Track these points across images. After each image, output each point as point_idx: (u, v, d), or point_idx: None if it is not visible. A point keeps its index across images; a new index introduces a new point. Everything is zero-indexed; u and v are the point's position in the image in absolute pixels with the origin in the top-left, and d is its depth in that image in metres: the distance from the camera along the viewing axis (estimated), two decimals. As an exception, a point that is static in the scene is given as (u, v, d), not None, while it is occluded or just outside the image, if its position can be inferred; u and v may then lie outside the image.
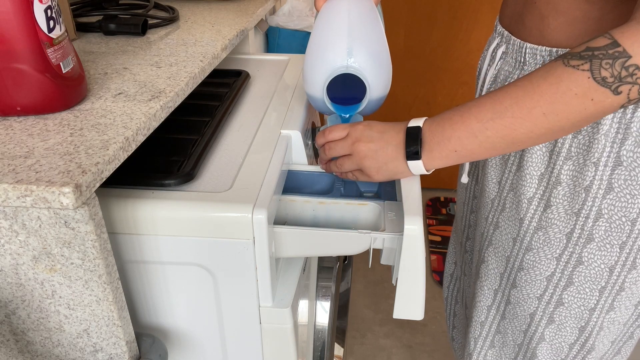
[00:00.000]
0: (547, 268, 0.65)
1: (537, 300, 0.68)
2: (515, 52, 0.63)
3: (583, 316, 0.66)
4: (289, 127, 0.67)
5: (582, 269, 0.63)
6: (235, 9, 0.98)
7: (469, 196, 0.84)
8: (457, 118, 0.52)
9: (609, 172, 0.57)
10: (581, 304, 0.65)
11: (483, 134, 0.51)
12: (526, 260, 0.67)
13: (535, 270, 0.66)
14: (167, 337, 0.60)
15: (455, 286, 1.00)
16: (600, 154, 0.56)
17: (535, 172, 0.63)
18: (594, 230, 0.60)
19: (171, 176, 0.54)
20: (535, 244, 0.65)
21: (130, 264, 0.54)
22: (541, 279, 0.66)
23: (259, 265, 0.52)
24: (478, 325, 0.79)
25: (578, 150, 0.58)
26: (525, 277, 0.68)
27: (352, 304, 1.69)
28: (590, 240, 0.61)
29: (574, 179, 0.59)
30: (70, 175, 0.38)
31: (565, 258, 0.64)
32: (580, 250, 0.62)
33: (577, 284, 0.64)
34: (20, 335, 0.47)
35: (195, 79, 0.61)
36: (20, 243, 0.41)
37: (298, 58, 0.99)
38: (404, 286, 0.54)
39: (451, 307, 1.03)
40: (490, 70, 0.68)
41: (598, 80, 0.45)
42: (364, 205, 0.59)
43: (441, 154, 0.54)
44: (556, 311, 0.67)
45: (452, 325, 1.04)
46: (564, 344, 0.69)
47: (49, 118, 0.48)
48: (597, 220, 0.60)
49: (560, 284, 0.65)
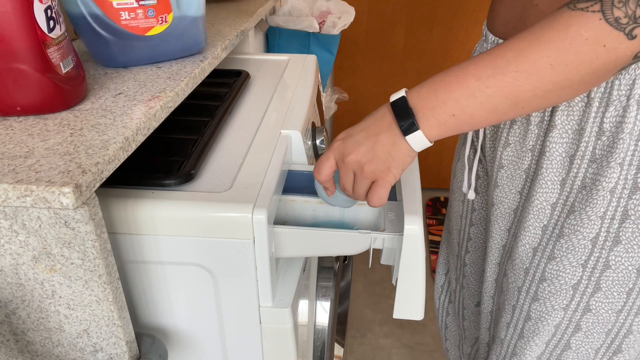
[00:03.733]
0: (572, 276, 0.63)
1: (562, 311, 0.66)
2: None
3: (610, 319, 0.64)
4: (289, 127, 0.67)
5: (610, 272, 0.61)
6: (235, 9, 0.98)
7: (467, 209, 0.82)
8: (451, 79, 0.47)
9: (633, 172, 0.55)
10: (609, 308, 0.63)
11: (483, 93, 0.45)
12: (549, 270, 0.65)
13: (560, 280, 0.64)
14: (167, 337, 0.60)
15: (447, 298, 0.98)
16: (625, 153, 0.55)
17: (557, 177, 0.61)
18: (621, 232, 0.58)
19: (171, 176, 0.54)
20: (558, 252, 0.63)
21: (130, 264, 0.54)
22: (567, 288, 0.64)
23: (259, 266, 0.52)
24: (499, 343, 0.76)
25: (602, 152, 0.56)
26: (549, 289, 0.66)
27: (352, 304, 1.69)
28: (617, 243, 0.59)
29: (598, 181, 0.57)
30: (70, 175, 0.38)
31: (591, 263, 0.61)
32: (607, 254, 0.60)
33: (604, 289, 0.62)
34: (20, 335, 0.47)
35: (195, 79, 0.61)
36: (20, 243, 0.41)
37: (298, 58, 0.99)
38: (404, 286, 0.54)
39: (442, 319, 1.01)
40: None
41: (610, 22, 0.40)
42: (364, 205, 0.59)
43: (438, 120, 0.48)
44: (583, 319, 0.65)
45: (445, 337, 1.02)
46: (590, 350, 0.67)
47: (49, 118, 0.48)
48: (623, 222, 0.58)
49: (588, 291, 0.63)
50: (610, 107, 0.55)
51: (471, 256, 0.85)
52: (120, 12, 0.58)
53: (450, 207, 0.89)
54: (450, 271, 0.96)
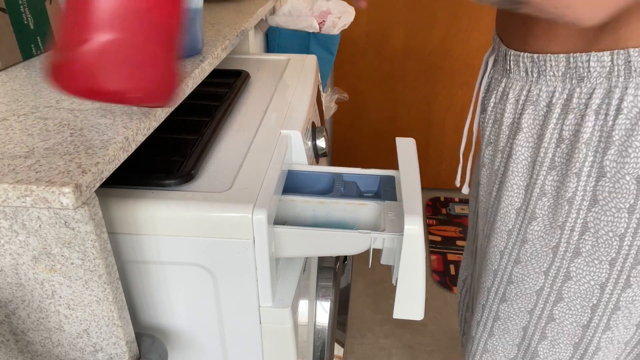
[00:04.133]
0: (535, 282, 0.63)
1: (528, 314, 0.66)
2: (502, 59, 0.62)
3: (576, 332, 0.63)
4: (289, 127, 0.67)
5: (571, 284, 0.61)
6: (235, 9, 0.98)
7: (475, 204, 0.83)
8: None
9: (592, 184, 0.54)
10: (573, 320, 0.63)
11: None
12: (515, 273, 0.65)
13: (525, 284, 0.64)
14: (167, 337, 0.60)
15: (468, 292, 0.99)
16: (582, 163, 0.54)
17: (522, 182, 0.61)
18: (580, 244, 0.58)
19: (171, 176, 0.54)
20: (523, 256, 0.63)
21: (130, 264, 0.54)
22: (531, 293, 0.64)
23: (259, 265, 0.52)
24: (470, 340, 0.78)
25: (561, 160, 0.56)
26: (516, 291, 0.66)
27: (352, 304, 1.69)
28: (577, 255, 0.59)
29: (557, 190, 0.57)
30: (70, 175, 0.38)
31: (553, 272, 0.61)
32: (567, 265, 0.60)
33: (567, 300, 0.62)
34: (20, 335, 0.47)
35: (195, 79, 0.61)
36: (20, 243, 0.41)
37: (298, 58, 0.99)
38: (404, 286, 0.54)
39: (462, 313, 1.02)
40: (484, 79, 0.67)
41: None
42: (364, 205, 0.59)
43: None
44: (548, 327, 0.65)
45: (463, 331, 1.03)
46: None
47: (49, 118, 0.48)
48: (583, 234, 0.57)
49: (550, 299, 0.63)
50: (569, 114, 0.54)
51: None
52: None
53: (469, 203, 0.91)
54: (468, 266, 0.97)
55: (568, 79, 0.54)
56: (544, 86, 0.56)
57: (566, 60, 0.53)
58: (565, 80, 0.54)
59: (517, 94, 0.59)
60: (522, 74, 0.58)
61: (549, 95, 0.56)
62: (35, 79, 0.59)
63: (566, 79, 0.54)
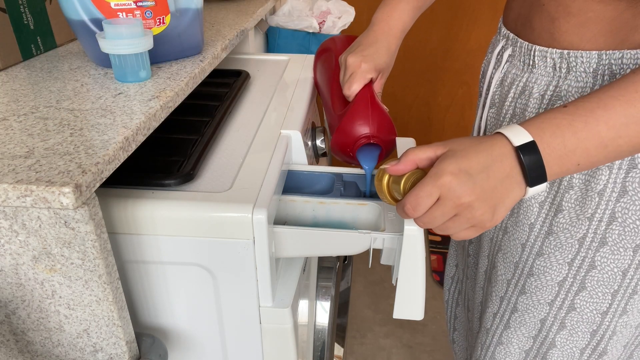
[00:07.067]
0: (558, 273, 0.64)
1: (548, 306, 0.67)
2: (523, 54, 0.62)
3: (595, 320, 0.65)
4: (289, 127, 0.67)
5: (595, 273, 0.62)
6: (235, 9, 0.98)
7: None
8: (580, 125, 0.43)
9: (622, 175, 0.56)
10: (593, 308, 0.64)
11: (615, 143, 0.42)
12: (536, 265, 0.66)
13: (547, 276, 0.65)
14: (167, 337, 0.60)
15: (457, 288, 0.99)
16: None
17: None
18: (607, 234, 0.59)
19: (171, 176, 0.54)
20: (546, 249, 0.64)
21: (130, 264, 0.54)
22: (552, 285, 0.65)
23: (259, 265, 0.52)
24: (484, 332, 0.78)
25: None
26: (536, 283, 0.67)
27: (352, 304, 1.69)
28: (603, 244, 0.60)
29: (586, 182, 0.58)
30: (70, 175, 0.38)
31: (577, 263, 0.62)
32: (593, 255, 0.61)
33: (589, 289, 0.63)
34: (20, 335, 0.47)
35: (195, 79, 0.61)
36: (20, 243, 0.41)
37: (298, 58, 0.99)
38: (404, 286, 0.54)
39: (452, 310, 1.02)
40: (497, 74, 0.67)
41: None
42: (364, 205, 0.59)
43: (561, 169, 0.44)
44: (568, 316, 0.66)
45: (453, 327, 1.03)
46: (575, 349, 0.68)
47: (49, 118, 0.48)
48: (610, 224, 0.58)
49: (573, 289, 0.64)
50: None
51: (474, 247, 0.86)
52: (118, 13, 0.58)
53: None
54: (458, 262, 0.96)
55: (600, 75, 0.54)
56: (573, 82, 0.56)
57: (598, 57, 0.54)
58: (597, 76, 0.54)
59: (542, 89, 0.60)
60: (549, 70, 0.58)
61: (578, 90, 0.56)
62: (35, 79, 0.59)
63: (597, 75, 0.54)
